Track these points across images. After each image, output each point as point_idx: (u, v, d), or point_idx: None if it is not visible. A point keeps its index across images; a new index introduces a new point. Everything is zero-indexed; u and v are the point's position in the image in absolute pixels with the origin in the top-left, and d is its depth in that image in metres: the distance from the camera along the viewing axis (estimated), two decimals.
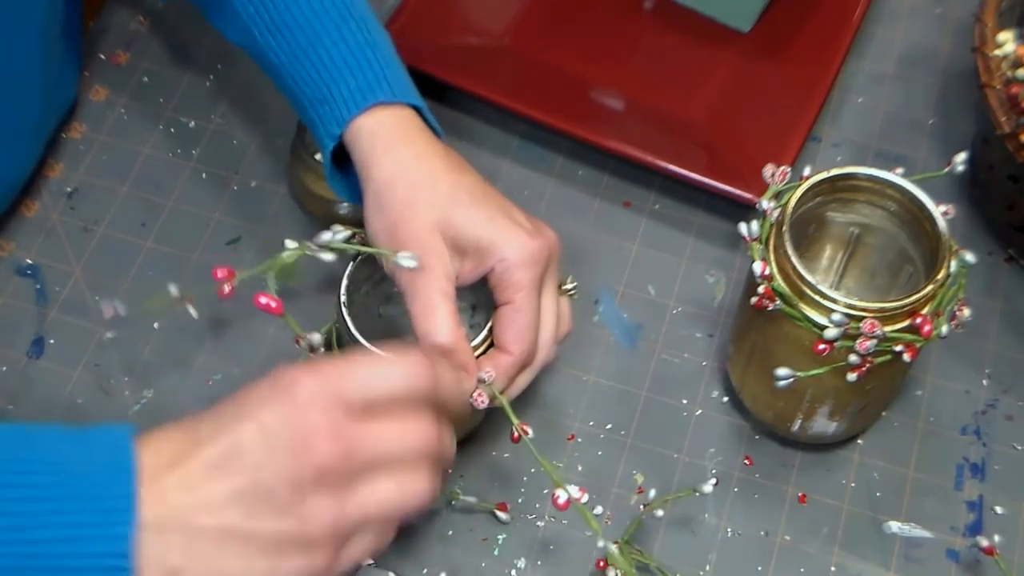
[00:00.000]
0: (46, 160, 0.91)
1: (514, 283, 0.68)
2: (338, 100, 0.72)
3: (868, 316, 0.67)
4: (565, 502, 0.65)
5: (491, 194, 0.71)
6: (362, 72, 0.73)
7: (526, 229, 0.69)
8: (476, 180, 0.71)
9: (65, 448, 0.53)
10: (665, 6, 0.97)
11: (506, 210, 0.70)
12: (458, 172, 0.71)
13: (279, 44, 0.75)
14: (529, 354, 0.69)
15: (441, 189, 0.69)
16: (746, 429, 0.81)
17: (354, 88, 0.72)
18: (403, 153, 0.70)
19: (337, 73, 0.73)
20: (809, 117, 0.89)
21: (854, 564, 0.77)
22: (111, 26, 0.98)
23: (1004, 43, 0.83)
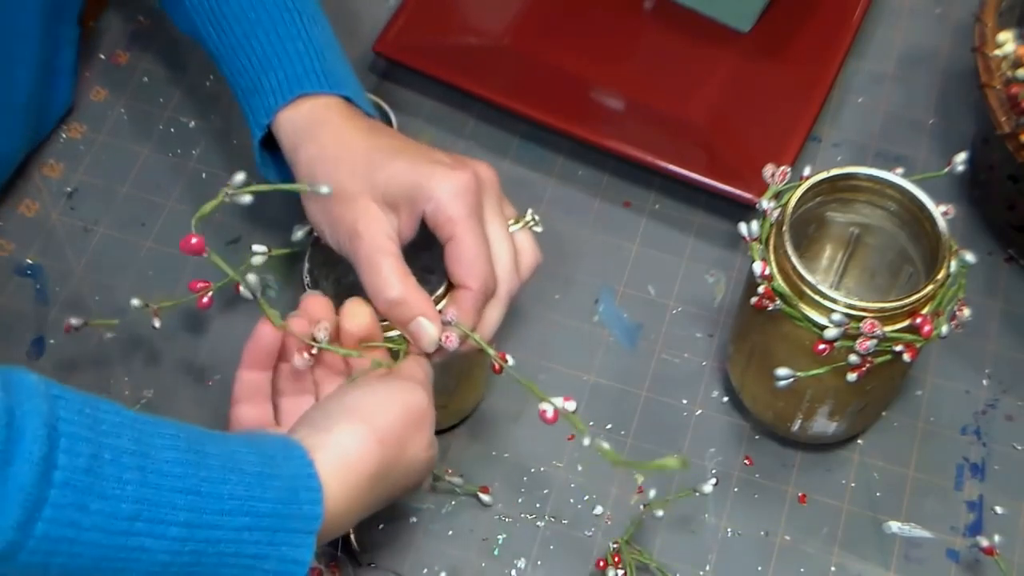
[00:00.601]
0: (46, 160, 0.91)
1: (448, 218, 0.68)
2: (267, 91, 0.73)
3: (868, 316, 0.67)
4: (553, 414, 0.65)
5: (410, 146, 0.71)
6: (291, 63, 0.74)
7: (447, 164, 0.69)
8: (394, 138, 0.72)
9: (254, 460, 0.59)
10: (665, 6, 0.97)
11: (427, 154, 0.70)
12: (376, 136, 0.72)
13: (218, 35, 0.77)
14: (487, 285, 0.69)
15: (358, 156, 0.70)
16: (746, 429, 0.81)
17: (282, 79, 0.73)
18: (320, 137, 0.71)
19: (267, 64, 0.74)
20: (809, 117, 0.89)
21: (854, 564, 0.77)
22: (111, 26, 0.98)
23: (1004, 43, 0.83)
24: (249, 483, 0.57)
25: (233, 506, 0.56)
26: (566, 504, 0.79)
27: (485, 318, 0.70)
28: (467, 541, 0.77)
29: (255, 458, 0.58)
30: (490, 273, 0.69)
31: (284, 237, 0.88)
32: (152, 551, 0.54)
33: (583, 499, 0.79)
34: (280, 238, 0.88)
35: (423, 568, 0.76)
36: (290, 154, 0.73)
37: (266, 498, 0.57)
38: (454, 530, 0.78)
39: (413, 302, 0.68)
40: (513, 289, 0.71)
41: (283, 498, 0.57)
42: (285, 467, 0.59)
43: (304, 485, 0.59)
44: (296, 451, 0.60)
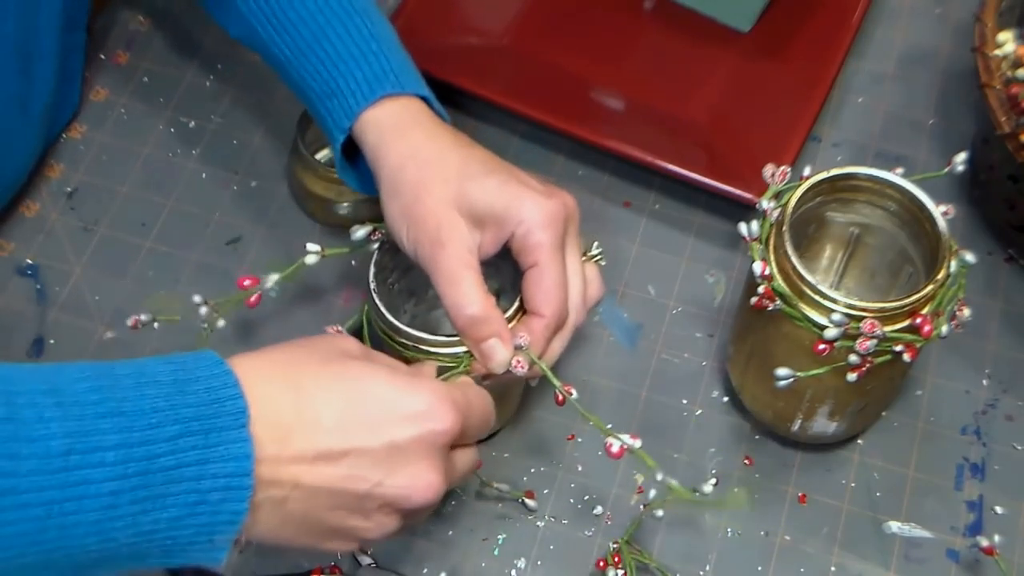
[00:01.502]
0: (46, 160, 0.91)
1: (535, 244, 0.68)
2: (346, 93, 0.73)
3: (868, 316, 0.67)
4: (620, 450, 0.66)
5: (502, 164, 0.71)
6: (368, 65, 0.73)
7: (540, 191, 0.69)
8: (486, 153, 0.72)
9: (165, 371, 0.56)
10: (665, 6, 0.97)
11: (518, 176, 0.70)
12: (467, 147, 0.71)
13: (283, 40, 0.76)
14: (560, 315, 0.69)
15: (451, 164, 0.69)
16: (746, 429, 0.81)
17: (361, 80, 0.72)
18: (412, 137, 0.71)
19: (344, 66, 0.73)
20: (809, 117, 0.89)
21: (854, 564, 0.77)
22: (111, 26, 0.98)
23: (1004, 43, 0.83)
24: (168, 392, 0.54)
25: (159, 418, 0.54)
26: (566, 504, 0.79)
27: (550, 348, 0.70)
28: (467, 541, 0.77)
29: (167, 368, 0.56)
30: (565, 304, 0.69)
31: (285, 237, 0.88)
32: (97, 481, 0.52)
33: (583, 499, 0.79)
34: (282, 238, 0.88)
35: (423, 568, 0.77)
36: (373, 155, 0.72)
37: (188, 403, 0.54)
38: (454, 530, 0.78)
39: (493, 321, 0.67)
40: (579, 322, 0.71)
41: (204, 400, 0.55)
42: (198, 371, 0.56)
43: (221, 383, 0.55)
44: (207, 355, 0.57)
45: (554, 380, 0.68)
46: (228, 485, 0.54)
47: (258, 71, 0.96)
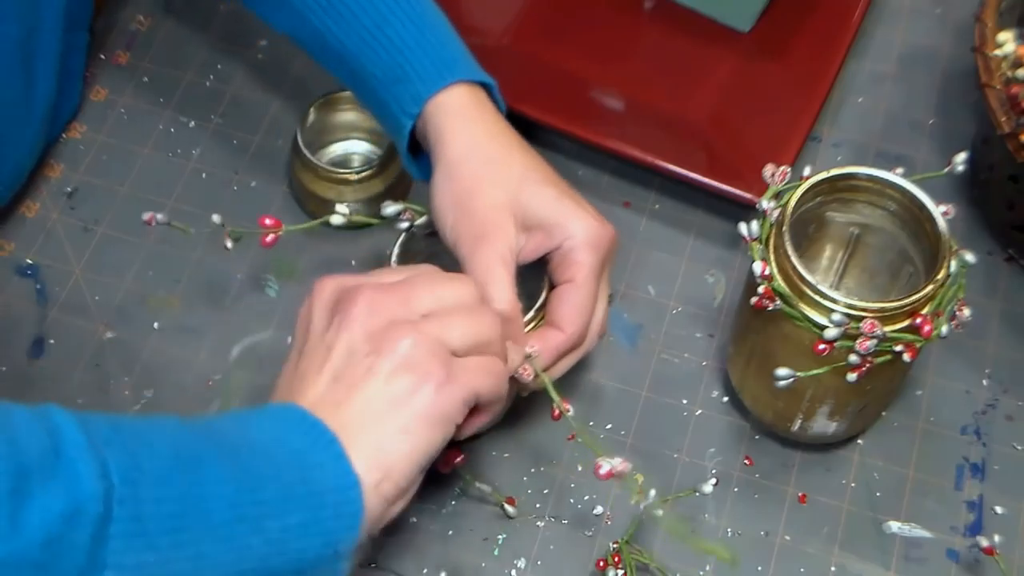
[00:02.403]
0: (46, 160, 0.91)
1: (578, 262, 0.69)
2: (413, 79, 0.73)
3: (868, 316, 0.67)
4: (608, 472, 0.66)
5: (558, 178, 0.72)
6: (435, 51, 0.73)
7: (593, 214, 0.71)
8: (545, 163, 0.73)
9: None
10: (665, 6, 0.97)
11: (573, 195, 0.72)
12: (530, 153, 0.72)
13: (341, 28, 0.75)
14: (579, 336, 0.70)
15: (514, 167, 0.71)
16: (746, 429, 0.81)
17: (429, 66, 0.73)
18: (477, 130, 0.72)
19: (410, 53, 0.73)
20: (809, 117, 0.89)
21: (854, 564, 0.77)
22: (111, 26, 0.98)
23: (1004, 43, 0.83)
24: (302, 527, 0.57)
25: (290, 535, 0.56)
26: (566, 504, 0.79)
27: (558, 364, 0.71)
28: (467, 541, 0.77)
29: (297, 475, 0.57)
30: (586, 326, 0.70)
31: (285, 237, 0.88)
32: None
33: (583, 499, 0.79)
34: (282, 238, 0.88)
35: (423, 568, 0.76)
36: (436, 139, 0.72)
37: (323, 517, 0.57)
38: (454, 530, 0.78)
39: (514, 323, 0.68)
40: (589, 350, 0.73)
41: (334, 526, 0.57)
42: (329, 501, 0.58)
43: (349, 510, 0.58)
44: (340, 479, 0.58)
45: (554, 395, 0.69)
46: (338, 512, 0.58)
47: (258, 71, 0.96)
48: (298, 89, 0.94)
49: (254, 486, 0.55)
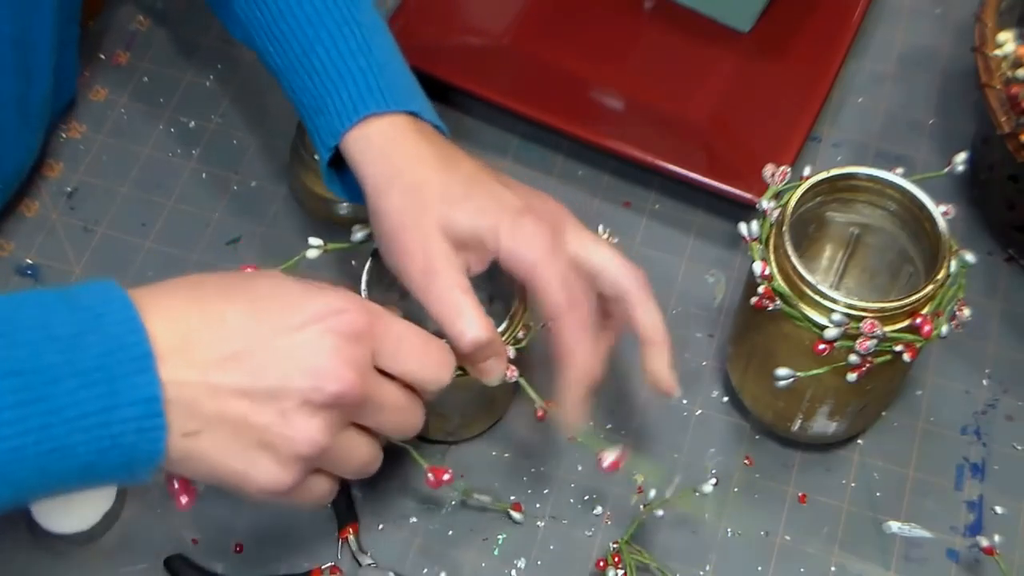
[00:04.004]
0: (46, 160, 0.91)
1: (519, 266, 0.67)
2: (331, 112, 0.72)
3: (868, 316, 0.67)
4: (611, 463, 0.66)
5: (482, 183, 0.69)
6: (354, 82, 0.72)
7: (515, 210, 0.68)
8: (467, 173, 0.70)
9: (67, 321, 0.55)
10: (665, 6, 0.97)
11: (496, 196, 0.69)
12: (448, 169, 0.70)
13: (276, 50, 0.75)
14: (574, 316, 0.68)
15: (433, 190, 0.69)
16: (746, 429, 0.81)
17: (347, 99, 0.71)
18: (394, 159, 0.70)
19: (330, 83, 0.72)
20: (809, 117, 0.89)
21: (854, 564, 0.77)
22: (111, 26, 0.98)
23: (1004, 43, 0.83)
24: (67, 347, 0.54)
25: (56, 373, 0.54)
26: (566, 504, 0.79)
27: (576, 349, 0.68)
28: (467, 541, 0.77)
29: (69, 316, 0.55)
30: (574, 305, 0.68)
31: (285, 237, 0.88)
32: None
33: (583, 499, 0.79)
34: (281, 238, 0.88)
35: (423, 568, 0.77)
36: (359, 174, 0.71)
37: (89, 355, 0.54)
38: (454, 530, 0.78)
39: (494, 343, 0.67)
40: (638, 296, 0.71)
41: (107, 348, 0.55)
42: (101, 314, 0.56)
43: (125, 328, 0.55)
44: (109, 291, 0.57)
45: (536, 397, 0.69)
46: (140, 427, 0.55)
47: (258, 71, 0.95)
48: None
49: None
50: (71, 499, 0.76)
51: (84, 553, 0.77)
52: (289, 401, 0.58)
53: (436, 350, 0.64)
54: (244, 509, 0.78)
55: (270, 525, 0.78)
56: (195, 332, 0.57)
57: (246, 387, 0.57)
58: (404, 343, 0.62)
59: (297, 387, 0.57)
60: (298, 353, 0.58)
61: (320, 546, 0.77)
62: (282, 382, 0.57)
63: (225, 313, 0.58)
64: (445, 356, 0.64)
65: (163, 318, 0.56)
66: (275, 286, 0.60)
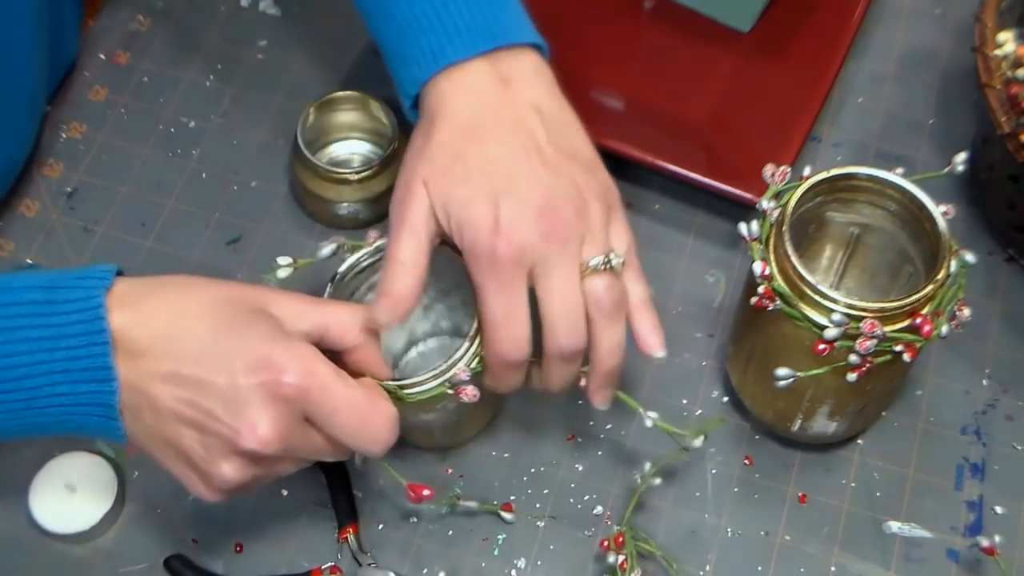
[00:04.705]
0: (46, 160, 0.91)
1: (473, 278, 0.67)
2: (410, 61, 0.70)
3: (868, 316, 0.67)
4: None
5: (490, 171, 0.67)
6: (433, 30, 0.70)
7: (488, 226, 0.65)
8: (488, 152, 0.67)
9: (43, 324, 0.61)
10: (665, 6, 0.97)
11: (493, 193, 0.66)
12: (471, 141, 0.68)
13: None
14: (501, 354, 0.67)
15: (438, 161, 0.68)
16: (746, 429, 0.81)
17: (425, 47, 0.70)
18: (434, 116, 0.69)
19: (410, 31, 0.70)
20: (809, 117, 0.89)
21: (854, 564, 0.77)
22: (111, 26, 0.98)
23: (1004, 43, 0.83)
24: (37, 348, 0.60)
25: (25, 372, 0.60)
26: (566, 504, 0.79)
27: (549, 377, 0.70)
28: (467, 541, 0.77)
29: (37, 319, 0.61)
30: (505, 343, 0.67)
31: (285, 237, 0.88)
32: None
33: (583, 499, 0.79)
34: (281, 238, 0.88)
35: (423, 568, 0.77)
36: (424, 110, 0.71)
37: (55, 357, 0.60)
38: (454, 530, 0.78)
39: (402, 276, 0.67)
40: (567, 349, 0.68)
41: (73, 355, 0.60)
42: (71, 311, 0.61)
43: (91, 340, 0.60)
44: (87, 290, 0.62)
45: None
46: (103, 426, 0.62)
47: (258, 71, 0.96)
48: (298, 89, 0.94)
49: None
50: (71, 499, 0.76)
51: (84, 553, 0.77)
52: (211, 438, 0.61)
53: (374, 423, 0.64)
54: (244, 509, 0.78)
55: (270, 525, 0.78)
56: (157, 343, 0.61)
57: (179, 411, 0.61)
58: (339, 415, 0.63)
59: (217, 429, 0.61)
60: (229, 397, 0.61)
61: (320, 546, 0.77)
62: (207, 419, 0.61)
63: (190, 333, 0.61)
64: (382, 430, 0.65)
65: (138, 319, 0.61)
66: (248, 320, 0.62)
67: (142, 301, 0.62)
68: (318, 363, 0.62)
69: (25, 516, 0.76)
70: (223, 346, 0.61)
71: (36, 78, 0.87)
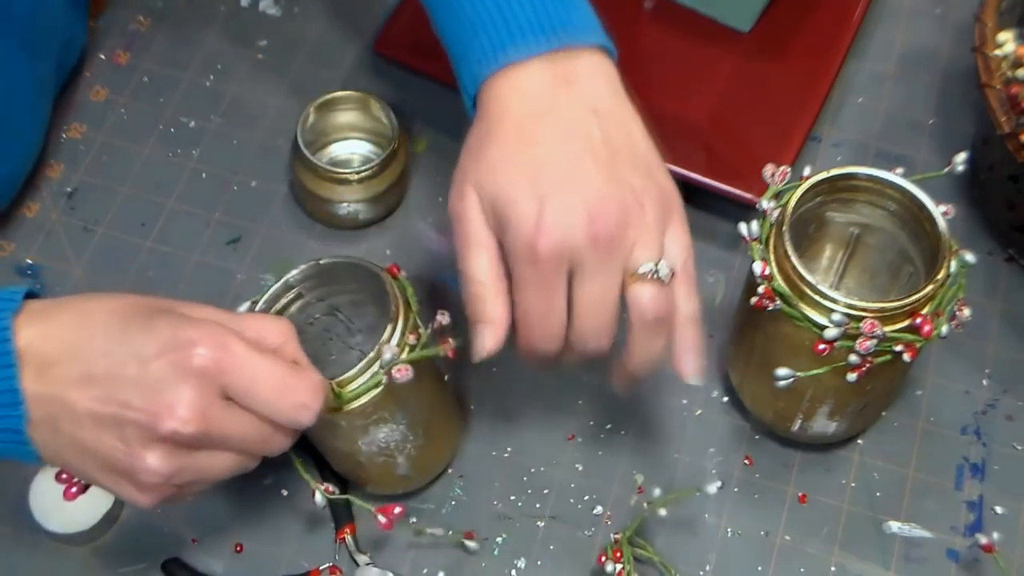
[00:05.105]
0: (46, 160, 0.91)
1: (512, 273, 0.66)
2: (470, 59, 0.68)
3: (868, 316, 0.67)
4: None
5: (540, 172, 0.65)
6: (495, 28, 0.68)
7: (531, 223, 0.64)
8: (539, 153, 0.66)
9: None
10: (665, 6, 0.96)
11: (541, 194, 0.64)
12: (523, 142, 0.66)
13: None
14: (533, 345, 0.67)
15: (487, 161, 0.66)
16: (746, 429, 0.81)
17: (486, 44, 0.67)
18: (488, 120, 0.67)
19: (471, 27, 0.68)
20: (809, 117, 0.89)
21: (854, 564, 0.77)
22: (111, 26, 0.98)
23: (1004, 43, 0.83)
24: None
25: None
26: (566, 504, 0.79)
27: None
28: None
29: None
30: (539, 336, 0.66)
31: (285, 237, 0.88)
32: None
33: (583, 499, 0.79)
34: (281, 238, 0.88)
35: (423, 568, 0.76)
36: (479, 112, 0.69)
37: None
38: (454, 530, 0.78)
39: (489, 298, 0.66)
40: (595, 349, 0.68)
41: None
42: None
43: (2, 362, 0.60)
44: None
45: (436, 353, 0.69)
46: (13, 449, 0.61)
47: (258, 71, 0.96)
48: (298, 89, 0.94)
49: None
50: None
51: (84, 553, 0.77)
52: (130, 429, 0.59)
53: (296, 388, 0.62)
54: (244, 509, 0.78)
55: (270, 525, 0.78)
56: (66, 351, 0.60)
57: (95, 411, 0.59)
58: (259, 385, 0.61)
59: (134, 418, 0.59)
60: (142, 383, 0.59)
61: (319, 546, 0.77)
62: (123, 411, 0.59)
63: (96, 336, 0.60)
64: (306, 395, 0.62)
65: (46, 332, 0.61)
66: (154, 316, 0.61)
67: (49, 315, 0.61)
68: (230, 336, 0.60)
69: (25, 516, 0.76)
70: (131, 338, 0.60)
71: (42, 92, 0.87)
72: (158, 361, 0.59)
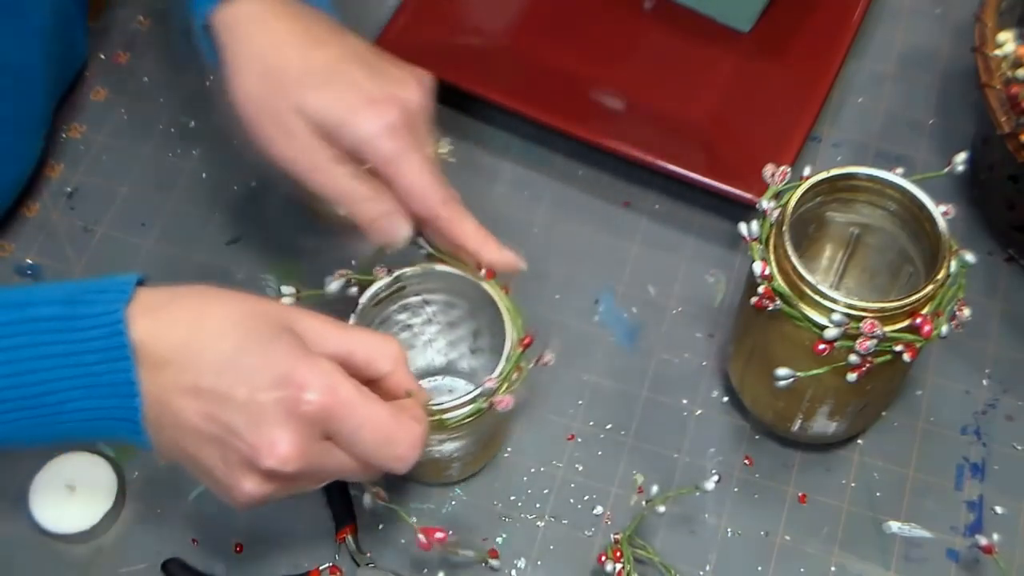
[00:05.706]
0: (46, 160, 0.91)
1: (381, 160, 0.68)
2: None
3: (868, 316, 0.67)
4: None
5: (344, 69, 0.70)
6: None
7: (369, 98, 0.68)
8: (332, 56, 0.70)
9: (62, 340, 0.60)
10: (665, 6, 0.97)
11: (355, 83, 0.69)
12: (311, 53, 0.70)
13: None
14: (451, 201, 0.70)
15: (290, 75, 0.69)
16: (746, 429, 0.81)
17: None
18: (255, 44, 0.70)
19: None
20: (809, 117, 0.89)
21: (854, 564, 0.77)
22: (111, 26, 0.98)
23: (1004, 43, 0.83)
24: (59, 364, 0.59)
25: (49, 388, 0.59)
26: (566, 504, 0.79)
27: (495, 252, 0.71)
28: (467, 541, 0.77)
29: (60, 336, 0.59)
30: (446, 190, 0.69)
31: (285, 237, 0.88)
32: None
33: (583, 499, 0.79)
34: (282, 238, 0.88)
35: (423, 568, 0.76)
36: (221, 56, 0.72)
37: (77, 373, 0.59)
38: (454, 530, 0.78)
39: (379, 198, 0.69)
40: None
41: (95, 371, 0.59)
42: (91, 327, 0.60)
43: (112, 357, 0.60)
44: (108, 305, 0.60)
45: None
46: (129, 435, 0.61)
47: None
48: None
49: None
50: (71, 499, 0.76)
51: (84, 553, 0.77)
52: (231, 454, 0.60)
53: (398, 440, 0.62)
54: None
55: (270, 525, 0.78)
56: (178, 355, 0.60)
57: (199, 426, 0.60)
58: (362, 432, 0.61)
59: (236, 446, 0.59)
60: (249, 412, 0.59)
61: (319, 546, 0.77)
62: (226, 435, 0.59)
63: (211, 346, 0.60)
64: (407, 448, 0.63)
65: (159, 330, 0.60)
66: (270, 336, 0.61)
67: (163, 311, 0.61)
68: (340, 380, 0.60)
69: (25, 516, 0.76)
70: (245, 360, 0.60)
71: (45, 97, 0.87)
72: (268, 394, 0.59)
